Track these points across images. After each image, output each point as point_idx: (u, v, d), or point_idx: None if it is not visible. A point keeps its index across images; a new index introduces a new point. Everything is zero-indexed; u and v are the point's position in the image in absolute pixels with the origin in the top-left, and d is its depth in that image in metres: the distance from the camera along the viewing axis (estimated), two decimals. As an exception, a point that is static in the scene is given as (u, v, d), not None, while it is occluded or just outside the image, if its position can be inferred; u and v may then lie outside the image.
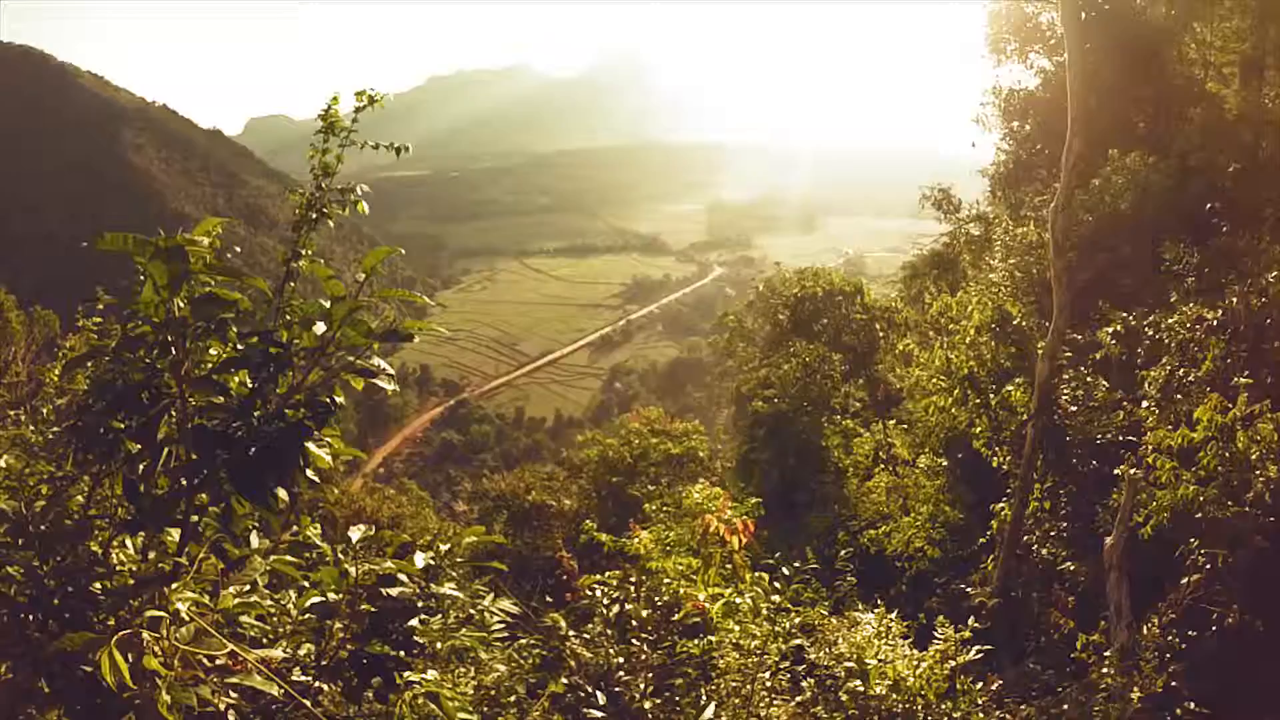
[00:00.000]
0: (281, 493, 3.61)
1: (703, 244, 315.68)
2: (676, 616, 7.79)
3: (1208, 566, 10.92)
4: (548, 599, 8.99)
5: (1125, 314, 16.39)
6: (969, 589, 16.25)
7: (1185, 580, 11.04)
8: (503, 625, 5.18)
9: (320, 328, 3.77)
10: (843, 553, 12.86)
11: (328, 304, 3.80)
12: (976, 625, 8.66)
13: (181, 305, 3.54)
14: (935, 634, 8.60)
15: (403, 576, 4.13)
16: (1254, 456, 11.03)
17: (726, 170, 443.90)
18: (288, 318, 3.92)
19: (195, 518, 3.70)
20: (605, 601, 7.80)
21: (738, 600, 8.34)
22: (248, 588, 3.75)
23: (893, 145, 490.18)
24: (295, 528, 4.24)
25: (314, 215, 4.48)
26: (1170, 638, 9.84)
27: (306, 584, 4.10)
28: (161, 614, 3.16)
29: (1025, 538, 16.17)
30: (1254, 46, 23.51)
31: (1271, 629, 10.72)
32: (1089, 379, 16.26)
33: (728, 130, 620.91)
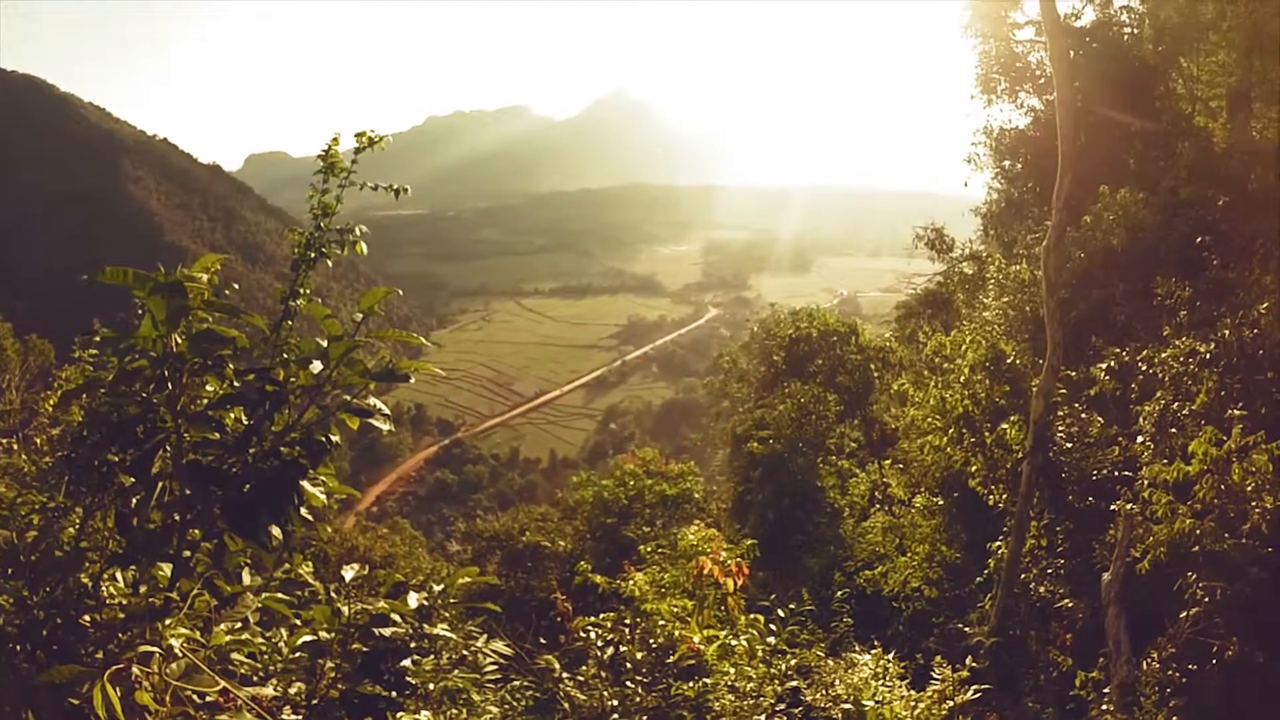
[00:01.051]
0: (275, 530, 3.60)
1: (698, 285, 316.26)
2: (671, 659, 7.74)
3: (1206, 600, 10.88)
4: (542, 640, 8.93)
5: (1119, 349, 16.45)
6: (966, 628, 16.16)
7: (1184, 614, 11.00)
8: (496, 667, 5.15)
9: (317, 366, 3.78)
10: (839, 593, 12.82)
11: (325, 343, 3.81)
12: (974, 665, 8.62)
13: (179, 341, 3.56)
14: (933, 674, 8.56)
15: (396, 616, 4.12)
16: (1250, 488, 11.03)
17: (722, 211, 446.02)
18: (285, 356, 3.93)
19: (187, 553, 3.69)
20: (599, 643, 7.75)
21: (733, 642, 8.29)
22: (239, 625, 3.73)
23: (886, 186, 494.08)
24: (287, 565, 4.23)
25: (313, 255, 4.50)
26: (1170, 672, 9.79)
27: (298, 622, 4.08)
28: (155, 649, 3.14)
29: (1022, 575, 16.12)
30: (1240, 80, 23.76)
31: (1271, 660, 10.68)
32: (1084, 415, 16.29)
33: (723, 172, 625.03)
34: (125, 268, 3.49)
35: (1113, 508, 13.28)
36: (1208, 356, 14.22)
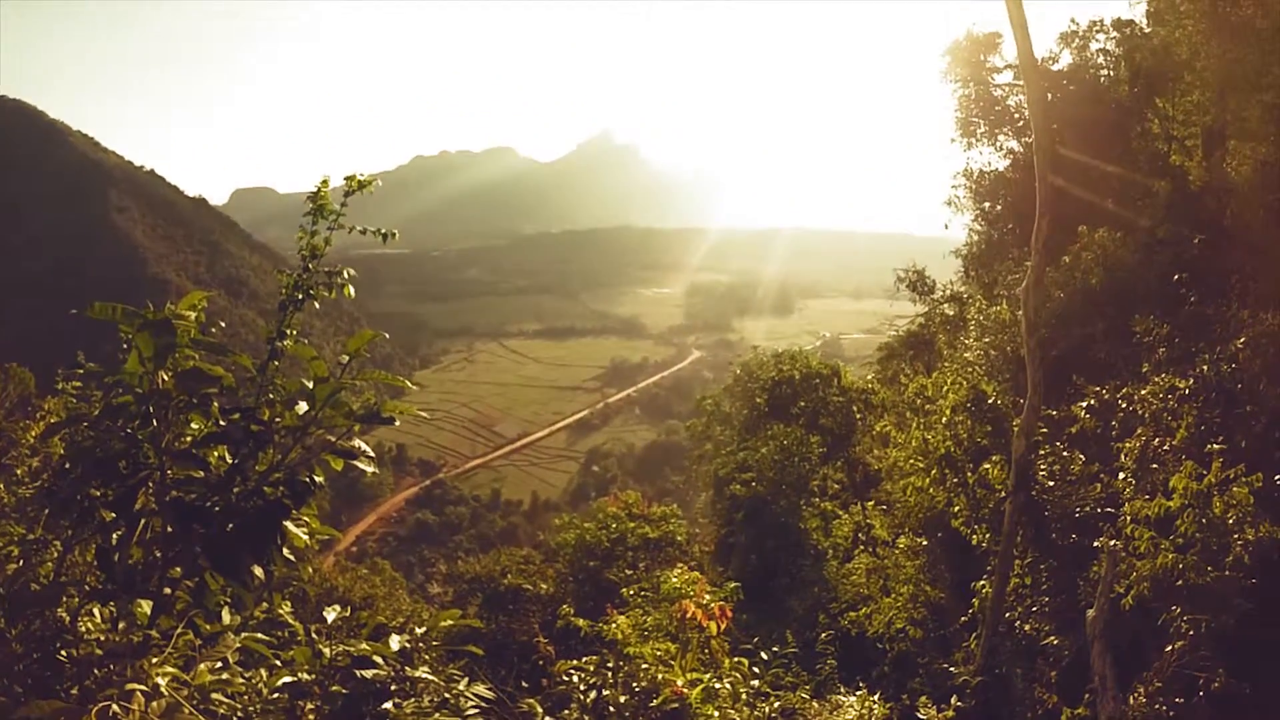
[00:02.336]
0: (257, 570, 3.59)
1: (681, 327, 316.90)
2: (654, 702, 7.68)
3: (1191, 633, 10.91)
4: (523, 684, 8.86)
5: (1099, 387, 16.56)
6: (952, 668, 16.11)
7: (1169, 648, 11.02)
8: (478, 710, 5.10)
9: (302, 407, 3.79)
10: (823, 635, 12.78)
11: (310, 383, 3.82)
12: (960, 704, 8.60)
13: (166, 378, 3.56)
14: (918, 715, 8.53)
15: (377, 658, 4.09)
16: (1231, 521, 11.11)
17: (706, 254, 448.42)
18: (270, 396, 3.93)
19: (168, 590, 3.66)
20: (582, 687, 7.69)
21: (717, 685, 8.24)
22: (219, 664, 3.70)
23: (868, 229, 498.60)
24: (268, 605, 4.19)
25: (300, 296, 4.51)
26: (1157, 706, 9.78)
27: (278, 663, 4.05)
28: (141, 687, 3.11)
29: (1007, 614, 16.09)
30: (1215, 119, 24.13)
31: (1258, 692, 10.70)
32: (1065, 453, 16.36)
33: (707, 215, 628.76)
34: (114, 304, 3.49)
35: (1096, 544, 13.33)
36: (1187, 392, 14.38)
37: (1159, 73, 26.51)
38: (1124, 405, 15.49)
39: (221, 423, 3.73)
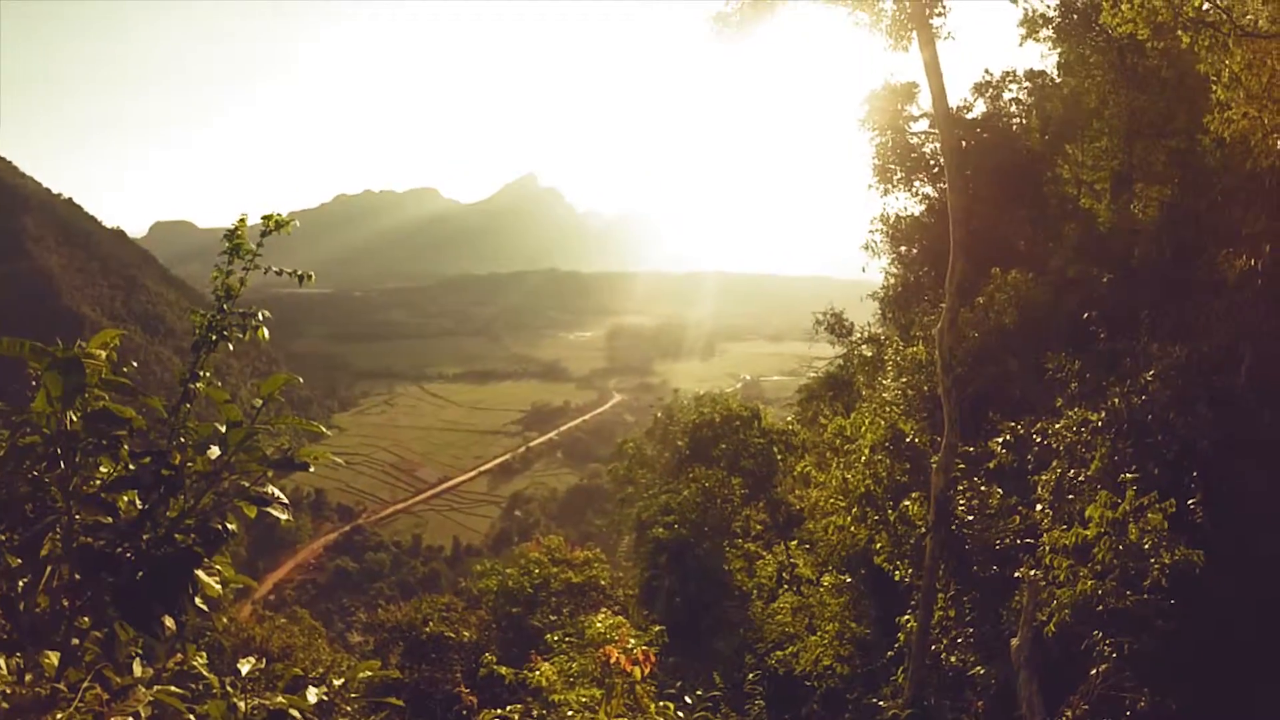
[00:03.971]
0: (169, 620, 3.47)
1: (603, 370, 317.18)
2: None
3: (1114, 655, 11.17)
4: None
5: (1015, 423, 16.94)
6: (881, 702, 16.25)
7: (1093, 671, 11.27)
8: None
9: (215, 452, 3.70)
10: (751, 675, 12.79)
11: (223, 427, 3.73)
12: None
13: (74, 419, 3.45)
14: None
15: (295, 712, 3.97)
16: (1147, 546, 11.44)
17: (628, 298, 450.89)
18: (182, 439, 3.84)
19: (76, 641, 3.52)
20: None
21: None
22: (131, 718, 3.55)
23: (787, 272, 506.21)
24: (181, 656, 4.05)
25: (214, 338, 4.41)
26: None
27: (192, 718, 3.91)
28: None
29: (933, 646, 16.30)
30: (1122, 163, 25.07)
31: (1184, 708, 10.97)
32: (983, 487, 16.71)
33: (630, 259, 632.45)
34: (22, 339, 3.38)
35: (1017, 575, 13.62)
36: (1100, 425, 14.81)
37: (1069, 120, 27.52)
38: (1039, 439, 15.89)
39: (131, 466, 3.62)
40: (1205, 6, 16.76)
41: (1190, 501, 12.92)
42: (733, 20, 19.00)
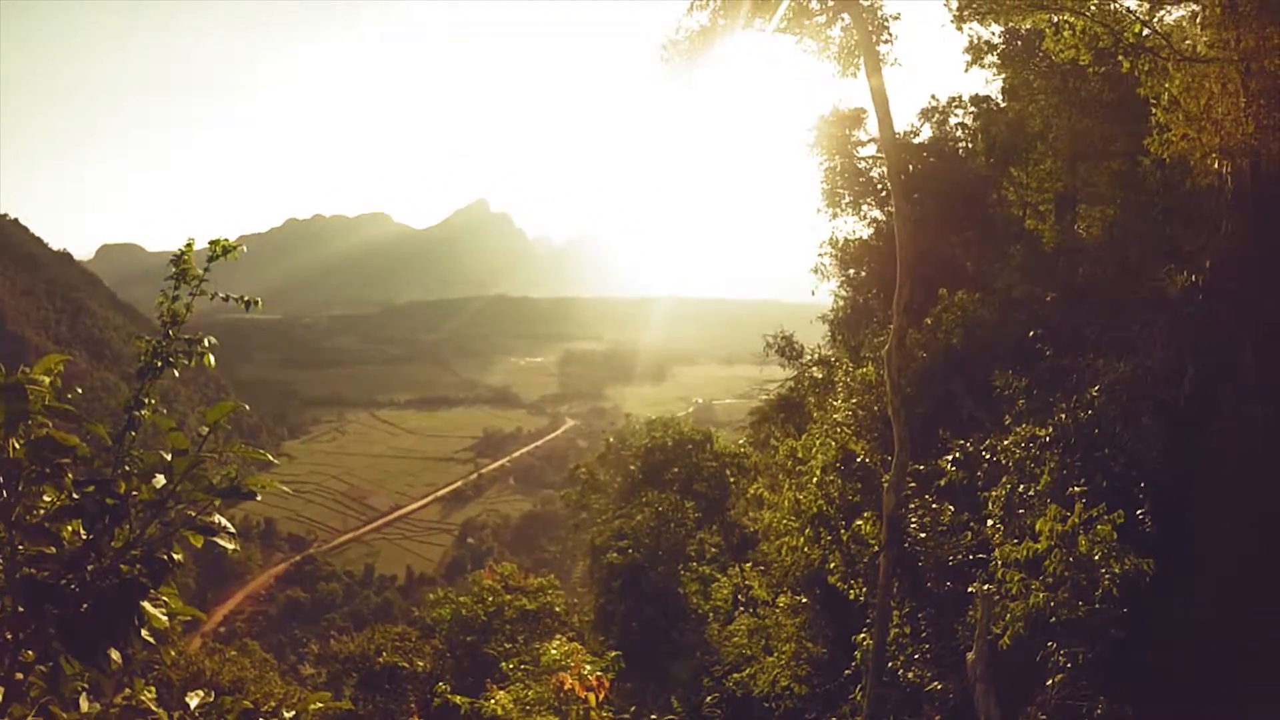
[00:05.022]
0: (114, 653, 3.40)
1: (555, 396, 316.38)
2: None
3: (1069, 665, 11.32)
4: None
5: (964, 440, 17.14)
6: (839, 720, 16.28)
7: (1049, 682, 11.40)
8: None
9: (160, 480, 3.65)
10: (709, 699, 12.78)
11: (168, 456, 3.68)
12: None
13: (17, 446, 3.38)
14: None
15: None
16: (1097, 557, 11.63)
17: (579, 323, 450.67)
18: (127, 468, 3.77)
19: (20, 675, 3.43)
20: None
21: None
22: (76, 755, 3.47)
23: (738, 295, 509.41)
24: (128, 691, 3.97)
25: (159, 364, 4.34)
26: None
27: (140, 753, 3.82)
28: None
29: (890, 664, 16.40)
30: (1066, 185, 25.66)
31: (1141, 714, 11.13)
32: (935, 505, 16.88)
33: (581, 284, 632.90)
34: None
35: (970, 590, 13.74)
36: (1048, 440, 15.05)
37: (1013, 144, 28.10)
38: (988, 456, 16.10)
39: (76, 495, 3.55)
40: (1145, 33, 17.22)
41: (1139, 512, 13.17)
42: (681, 48, 19.16)
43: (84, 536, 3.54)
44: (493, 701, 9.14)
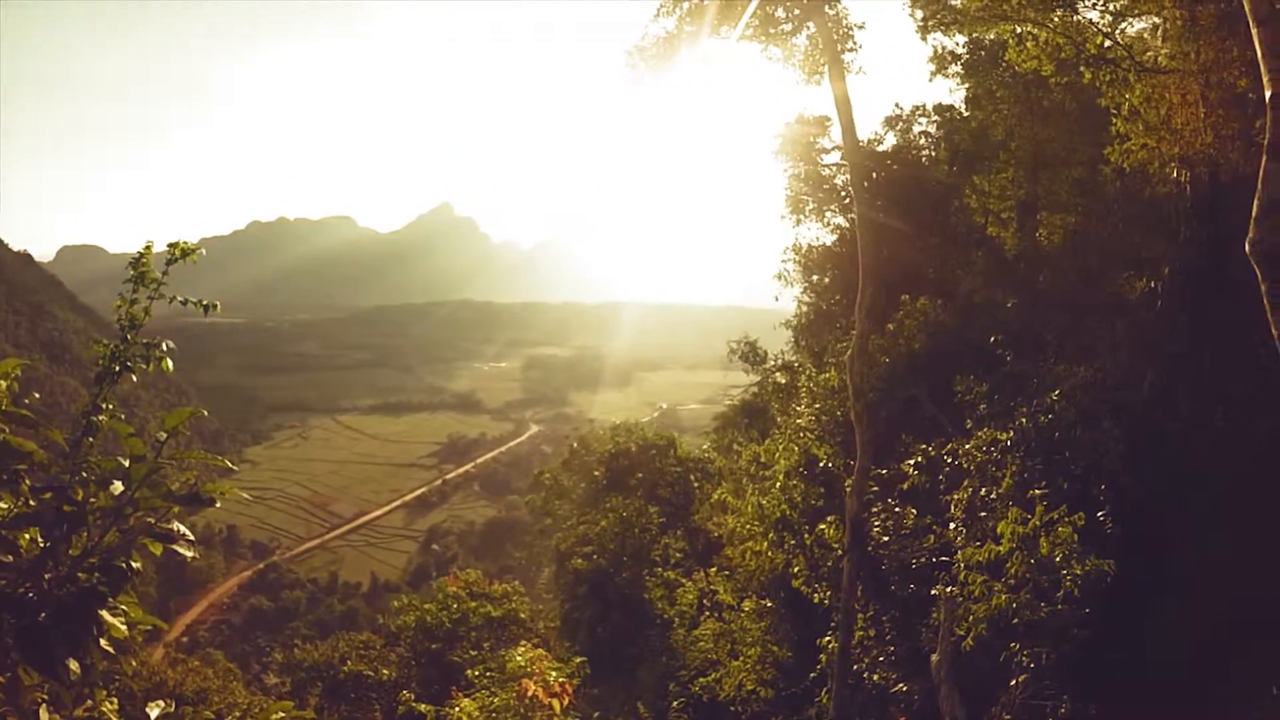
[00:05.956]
0: (74, 664, 3.34)
1: (519, 401, 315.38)
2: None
3: (1032, 666, 11.43)
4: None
5: (926, 445, 17.27)
6: (806, 724, 16.34)
7: (1013, 682, 11.51)
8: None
9: (118, 487, 3.60)
10: (675, 703, 12.79)
11: (127, 462, 3.63)
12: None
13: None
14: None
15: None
16: (1058, 559, 11.78)
17: (543, 328, 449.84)
18: (84, 474, 3.72)
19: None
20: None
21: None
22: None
23: (702, 301, 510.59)
24: (90, 702, 3.91)
25: (117, 369, 4.28)
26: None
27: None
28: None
29: (855, 666, 16.48)
30: (1028, 193, 25.99)
31: (1104, 712, 11.26)
32: (897, 508, 16.99)
33: (546, 289, 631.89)
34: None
35: (933, 592, 13.83)
36: (1009, 444, 15.21)
37: (976, 152, 28.43)
38: (950, 460, 16.24)
39: (33, 502, 3.49)
40: (1107, 45, 17.48)
41: (1100, 514, 13.34)
42: (648, 54, 19.20)
43: (41, 544, 3.49)
44: (458, 709, 9.10)
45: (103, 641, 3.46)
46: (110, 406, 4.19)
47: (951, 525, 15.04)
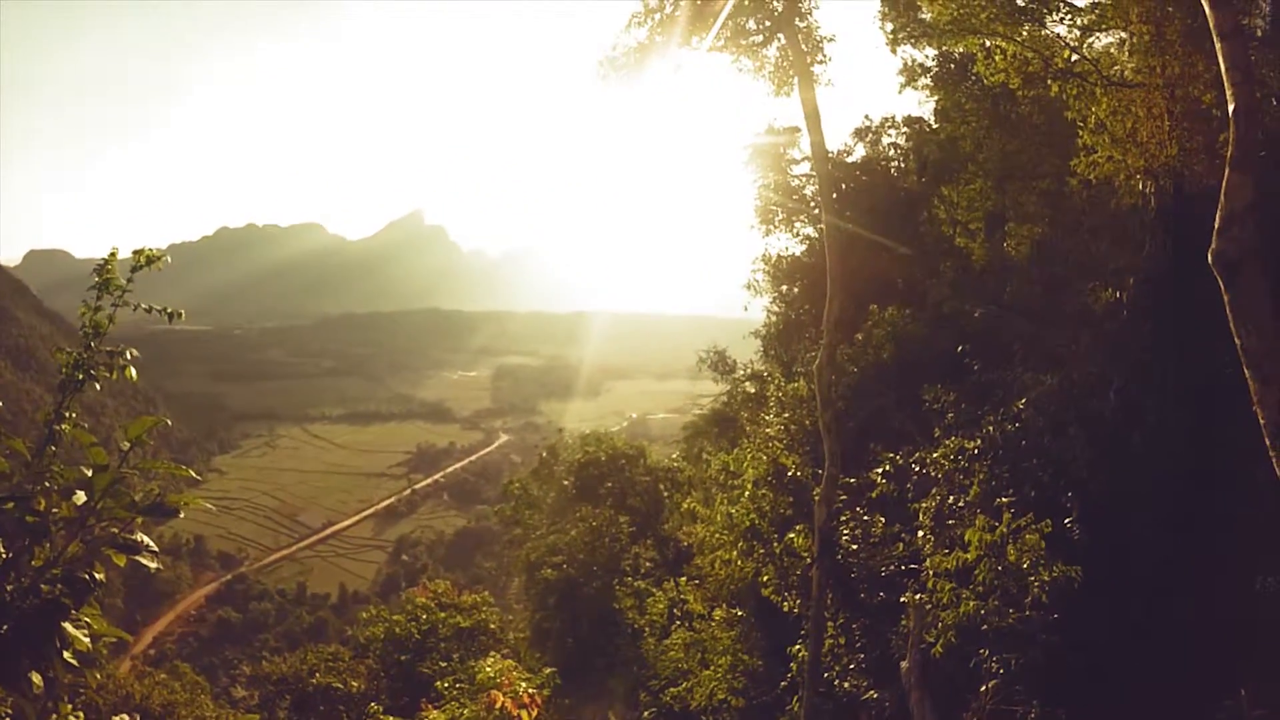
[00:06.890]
0: (36, 677, 3.30)
1: (488, 411, 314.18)
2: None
3: (1002, 671, 11.51)
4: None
5: (894, 454, 17.38)
6: (777, 732, 16.37)
7: (983, 688, 11.58)
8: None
9: (81, 497, 3.56)
10: (646, 713, 12.78)
11: (89, 472, 3.59)
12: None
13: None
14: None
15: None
16: (1025, 566, 11.88)
17: (513, 337, 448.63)
18: (47, 484, 3.67)
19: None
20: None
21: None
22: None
23: (671, 311, 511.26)
24: (54, 716, 3.86)
25: (80, 377, 4.23)
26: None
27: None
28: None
29: (825, 674, 16.54)
30: (995, 204, 26.28)
31: (1073, 716, 11.35)
32: (866, 517, 17.07)
33: (515, 298, 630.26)
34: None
35: (903, 600, 13.92)
36: (976, 452, 15.33)
37: (945, 164, 28.68)
38: (918, 468, 16.33)
39: (-6, 513, 3.44)
40: (1074, 58, 17.70)
41: (1067, 520, 13.46)
42: (619, 65, 19.22)
43: (3, 555, 3.45)
44: (427, 720, 9.03)
45: (66, 654, 3.41)
46: (74, 415, 4.14)
47: (920, 533, 15.12)
